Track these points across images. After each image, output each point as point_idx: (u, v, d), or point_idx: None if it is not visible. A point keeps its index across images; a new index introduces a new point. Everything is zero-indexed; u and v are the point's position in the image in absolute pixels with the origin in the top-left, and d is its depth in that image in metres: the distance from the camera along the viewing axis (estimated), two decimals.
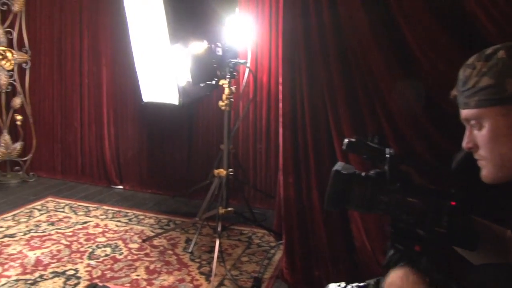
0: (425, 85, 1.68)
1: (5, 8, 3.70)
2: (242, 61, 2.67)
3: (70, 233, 2.78)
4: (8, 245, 2.58)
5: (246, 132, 3.36)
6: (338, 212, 2.07)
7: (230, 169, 2.63)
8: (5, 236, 2.71)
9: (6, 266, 2.34)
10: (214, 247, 2.57)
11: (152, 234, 2.80)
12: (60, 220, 2.99)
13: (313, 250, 2.18)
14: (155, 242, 2.70)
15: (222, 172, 2.61)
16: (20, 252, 2.51)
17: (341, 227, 2.13)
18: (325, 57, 1.97)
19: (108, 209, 3.21)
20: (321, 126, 2.05)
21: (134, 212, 3.18)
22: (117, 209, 3.22)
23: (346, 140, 1.16)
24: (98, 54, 3.71)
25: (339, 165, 1.18)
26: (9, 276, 2.24)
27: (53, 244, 2.62)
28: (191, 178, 3.50)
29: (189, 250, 2.60)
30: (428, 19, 1.68)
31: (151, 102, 2.87)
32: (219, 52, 2.46)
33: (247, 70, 2.96)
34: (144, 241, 2.70)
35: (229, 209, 2.54)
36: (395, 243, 1.08)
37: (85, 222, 2.96)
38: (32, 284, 2.18)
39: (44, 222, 2.95)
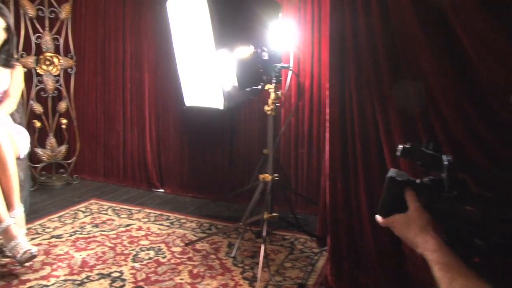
0: (481, 90, 1.63)
1: (53, 16, 3.81)
2: (286, 65, 2.66)
3: (114, 236, 2.82)
4: (56, 246, 2.65)
5: (287, 136, 3.35)
6: None
7: (276, 174, 2.61)
8: (52, 236, 2.78)
9: (54, 266, 2.39)
10: (256, 252, 2.57)
11: (194, 238, 2.81)
12: (103, 222, 3.05)
13: (360, 256, 2.14)
14: (198, 246, 2.71)
15: (268, 177, 2.60)
16: (67, 253, 2.56)
17: (389, 233, 2.07)
18: (374, 61, 1.93)
19: (150, 212, 3.25)
20: (370, 132, 2.01)
21: (176, 215, 3.20)
22: (159, 212, 3.26)
23: (400, 146, 1.13)
24: (140, 60, 3.77)
25: (393, 172, 1.16)
26: (57, 276, 2.29)
27: (98, 246, 2.66)
28: (232, 182, 3.51)
29: (232, 255, 2.59)
30: (484, 20, 1.62)
31: (194, 107, 2.90)
32: (265, 56, 2.46)
33: (289, 74, 2.95)
34: (187, 244, 2.71)
35: (274, 214, 2.53)
36: None
37: (128, 225, 3.00)
38: (79, 285, 2.22)
39: (89, 224, 3.01)
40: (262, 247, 2.39)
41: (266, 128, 3.27)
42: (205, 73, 2.63)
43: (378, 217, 1.18)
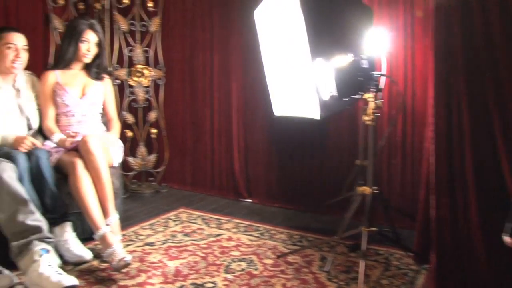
0: None
1: (144, 29, 3.92)
2: (384, 73, 2.52)
3: (205, 245, 2.80)
4: (149, 253, 2.66)
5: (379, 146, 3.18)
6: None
7: (375, 187, 2.47)
8: (146, 244, 2.81)
9: (149, 274, 2.40)
10: (350, 267, 2.46)
11: (285, 250, 2.73)
12: (194, 231, 3.04)
13: (470, 278, 1.95)
14: (290, 258, 2.61)
15: (367, 189, 2.46)
16: (160, 261, 2.57)
17: (504, 250, 1.88)
18: (493, 76, 1.77)
19: (239, 223, 3.21)
20: (484, 145, 1.86)
21: (265, 226, 3.13)
22: (248, 222, 3.21)
23: None
24: (228, 69, 3.77)
25: None
26: (153, 284, 2.29)
27: (190, 255, 2.65)
28: (321, 193, 3.40)
29: (326, 269, 2.47)
30: None
31: (283, 116, 2.83)
32: (364, 64, 2.34)
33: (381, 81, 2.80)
34: (278, 257, 2.63)
35: (372, 228, 2.38)
36: None
37: (218, 235, 2.97)
38: None
39: (179, 232, 3.02)
40: (362, 263, 2.26)
41: (356, 138, 3.15)
42: (297, 82, 2.56)
43: (507, 238, 1.03)
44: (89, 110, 2.92)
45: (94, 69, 2.98)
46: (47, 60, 3.59)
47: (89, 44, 2.89)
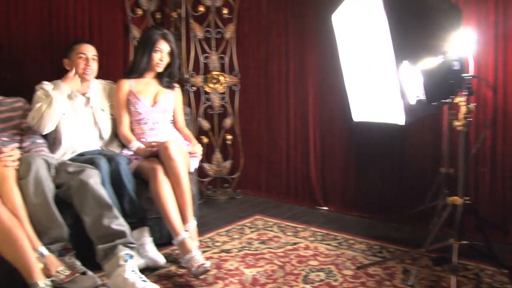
0: None
1: (219, 36, 3.95)
2: (477, 76, 2.34)
3: (282, 254, 2.74)
4: (226, 260, 2.65)
5: None
6: None
7: (467, 197, 2.30)
8: (222, 251, 2.79)
9: (226, 281, 2.37)
10: (436, 281, 2.33)
11: (365, 260, 2.61)
12: (270, 239, 2.99)
13: None
14: (370, 270, 2.49)
15: (457, 200, 2.29)
16: (237, 268, 2.54)
17: None
18: None
19: (315, 231, 3.12)
20: None
21: (343, 235, 3.02)
22: (325, 231, 3.12)
23: None
24: (304, 75, 3.71)
25: None
26: None
27: (267, 264, 2.60)
28: (401, 202, 3.23)
29: (410, 283, 2.32)
30: None
31: (363, 122, 2.73)
32: (456, 66, 2.19)
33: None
34: (358, 268, 2.52)
35: (464, 242, 2.21)
36: None
37: (295, 243, 2.90)
38: None
39: (255, 240, 2.98)
40: (453, 279, 2.10)
41: (440, 144, 2.97)
42: (380, 86, 2.44)
43: None
44: (160, 117, 2.97)
45: (166, 78, 3.05)
46: (127, 69, 3.70)
47: (162, 53, 2.96)
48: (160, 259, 2.54)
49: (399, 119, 2.28)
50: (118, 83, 3.00)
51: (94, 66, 2.89)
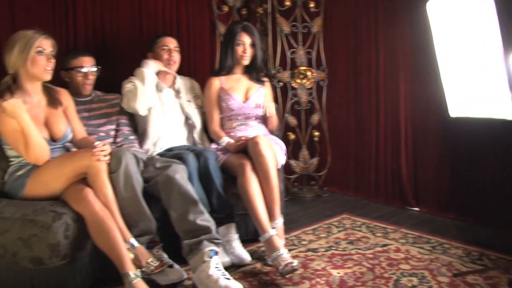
0: None
1: (305, 30, 3.88)
2: None
3: (371, 255, 2.62)
4: (312, 260, 2.58)
5: None
6: None
7: None
8: (308, 250, 2.74)
9: (313, 282, 2.31)
10: None
11: (463, 268, 2.42)
12: (358, 239, 2.88)
13: None
14: (469, 278, 2.30)
15: None
16: (323, 268, 2.47)
17: None
18: None
19: (407, 233, 2.96)
20: None
21: (438, 239, 2.83)
22: (417, 233, 2.94)
23: None
24: (395, 69, 3.52)
25: None
26: None
27: (355, 265, 2.50)
28: (504, 205, 2.95)
29: None
30: None
31: (462, 117, 2.53)
32: None
33: None
34: (455, 275, 2.33)
35: None
36: None
37: (385, 245, 2.77)
38: None
39: (343, 240, 2.89)
40: None
41: None
42: (485, 79, 2.25)
43: None
44: (252, 113, 2.97)
45: (254, 73, 3.06)
46: (214, 65, 3.75)
47: (245, 46, 2.95)
48: (246, 256, 2.54)
49: (507, 113, 2.09)
50: (208, 81, 3.06)
51: (176, 57, 3.00)
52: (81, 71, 2.73)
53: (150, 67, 2.85)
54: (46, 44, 2.26)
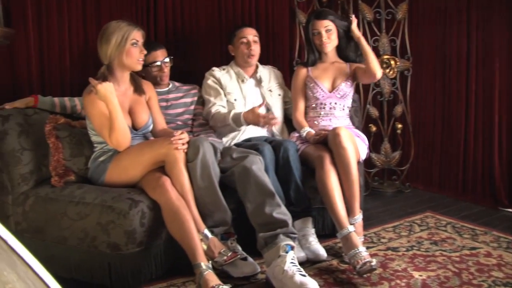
0: None
1: (389, 17, 3.68)
2: None
3: (457, 259, 2.43)
4: (392, 260, 2.45)
5: None
6: None
7: None
8: (388, 248, 2.59)
9: (392, 283, 2.18)
10: None
11: None
12: (443, 240, 2.70)
13: None
14: None
15: None
16: (404, 270, 2.33)
17: None
18: None
19: (499, 236, 2.72)
20: None
21: None
22: (511, 238, 2.70)
23: None
24: (490, 56, 3.24)
25: None
26: None
27: (439, 268, 2.33)
28: None
29: None
30: None
31: None
32: None
33: None
34: None
35: None
36: None
37: (473, 248, 2.56)
38: None
39: (426, 239, 2.71)
40: None
41: None
42: None
43: None
44: (338, 103, 2.86)
45: (343, 56, 2.95)
46: (293, 54, 3.67)
47: (320, 33, 2.83)
48: (322, 252, 2.45)
49: None
50: (296, 70, 3.02)
51: (256, 49, 2.92)
52: (155, 65, 2.76)
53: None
54: (138, 36, 2.32)
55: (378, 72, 2.74)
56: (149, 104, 2.53)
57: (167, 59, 2.81)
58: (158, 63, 2.77)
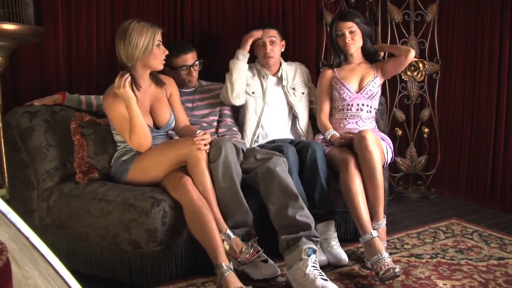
0: None
1: (418, 19, 3.61)
2: None
3: (484, 268, 2.37)
4: (415, 267, 2.39)
5: None
6: None
7: None
8: (412, 255, 2.54)
9: None
10: None
11: None
12: (469, 248, 2.63)
13: None
14: None
15: None
16: (428, 277, 2.27)
17: None
18: None
19: None
20: None
21: None
22: None
23: None
24: None
25: None
26: None
27: (464, 278, 2.26)
28: None
29: None
30: None
31: None
32: None
33: None
34: None
35: None
36: None
37: (501, 258, 2.49)
38: None
39: (451, 247, 2.64)
40: None
41: None
42: None
43: None
44: (365, 104, 2.82)
45: (368, 58, 2.93)
46: (320, 54, 3.64)
47: (344, 34, 2.81)
48: (344, 257, 2.41)
49: None
50: (322, 71, 2.99)
51: (275, 50, 2.88)
52: (184, 69, 2.76)
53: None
54: (160, 36, 2.31)
55: (410, 52, 2.75)
56: (171, 100, 2.52)
57: (196, 63, 2.81)
58: (188, 66, 2.77)
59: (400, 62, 2.80)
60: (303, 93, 3.00)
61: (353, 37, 2.80)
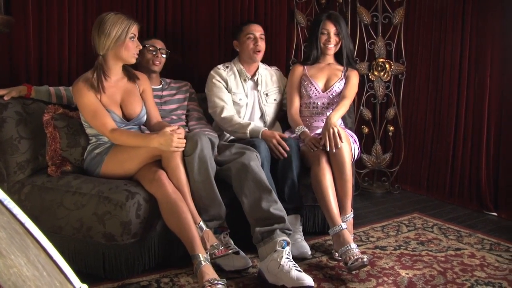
0: None
1: (386, 21, 3.74)
2: None
3: (442, 258, 2.51)
4: (380, 258, 2.51)
5: None
6: None
7: None
8: (376, 247, 2.66)
9: (380, 280, 2.24)
10: None
11: None
12: (429, 240, 2.77)
13: None
14: None
15: None
16: (391, 268, 2.39)
17: None
18: None
19: (483, 238, 2.80)
20: None
21: None
22: (494, 240, 2.77)
23: None
24: (482, 63, 3.31)
25: None
26: None
27: (425, 267, 2.40)
28: None
29: None
30: None
31: None
32: None
33: None
34: None
35: None
36: None
37: (458, 249, 2.64)
38: None
39: (413, 239, 2.78)
40: None
41: None
42: None
43: None
44: (330, 103, 2.90)
45: (342, 63, 2.97)
46: (290, 54, 3.72)
47: (329, 34, 2.88)
48: (307, 250, 2.49)
49: None
50: (292, 67, 3.05)
51: (262, 46, 2.91)
52: (152, 48, 2.78)
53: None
54: (136, 30, 2.35)
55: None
56: (143, 97, 2.55)
57: (164, 50, 2.84)
58: (156, 48, 2.80)
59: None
60: (275, 100, 3.04)
61: (336, 40, 2.90)
